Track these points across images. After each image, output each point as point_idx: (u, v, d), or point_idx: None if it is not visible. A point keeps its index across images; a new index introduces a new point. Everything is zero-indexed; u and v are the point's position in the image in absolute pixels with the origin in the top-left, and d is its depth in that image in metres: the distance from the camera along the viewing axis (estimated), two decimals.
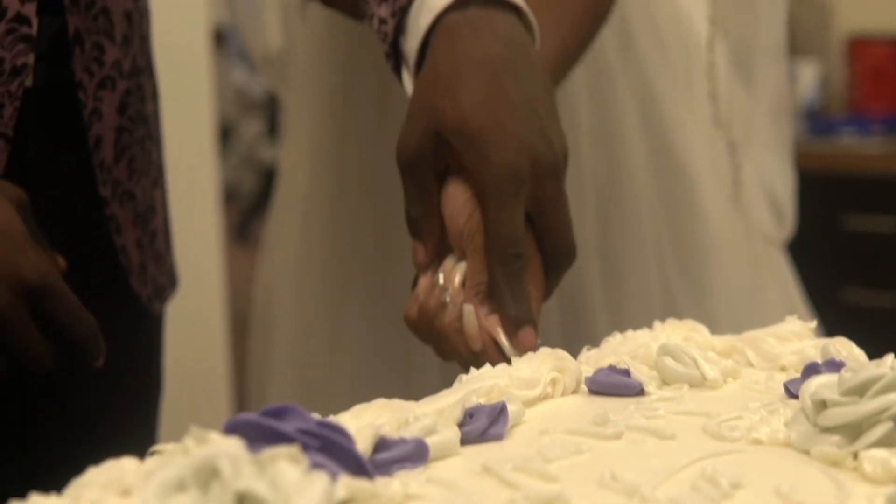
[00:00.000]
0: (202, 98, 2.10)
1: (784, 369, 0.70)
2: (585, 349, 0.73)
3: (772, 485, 0.51)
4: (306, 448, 0.49)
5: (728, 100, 1.22)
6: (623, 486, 0.52)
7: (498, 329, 0.74)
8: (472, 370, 0.67)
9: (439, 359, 0.80)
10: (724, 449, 0.57)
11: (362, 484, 0.49)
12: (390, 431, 0.56)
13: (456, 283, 0.77)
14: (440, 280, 0.77)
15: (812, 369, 0.64)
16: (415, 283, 0.79)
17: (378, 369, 1.27)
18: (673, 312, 0.97)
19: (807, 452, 0.55)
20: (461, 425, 0.59)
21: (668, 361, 0.68)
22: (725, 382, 0.68)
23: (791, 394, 0.64)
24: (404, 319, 0.79)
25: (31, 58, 0.84)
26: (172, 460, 0.46)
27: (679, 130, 1.21)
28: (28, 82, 0.84)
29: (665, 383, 0.68)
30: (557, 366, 0.67)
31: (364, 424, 0.57)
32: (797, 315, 0.77)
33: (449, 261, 0.78)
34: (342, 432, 0.51)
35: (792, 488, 0.51)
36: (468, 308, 0.75)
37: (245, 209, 5.63)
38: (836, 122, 3.18)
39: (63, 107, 0.88)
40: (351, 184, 1.29)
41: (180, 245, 1.10)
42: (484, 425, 0.59)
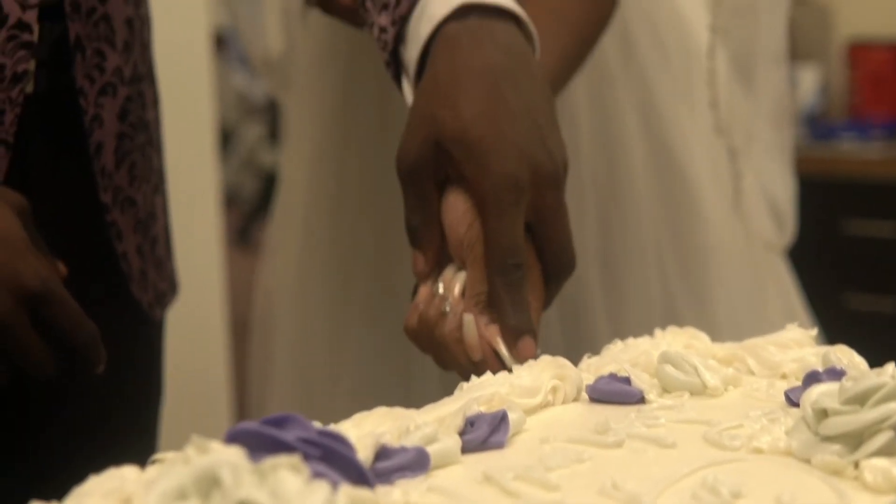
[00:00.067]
0: (203, 102, 2.09)
1: (785, 377, 0.70)
2: (586, 357, 0.73)
3: (773, 494, 0.51)
4: (307, 457, 0.49)
5: (729, 107, 1.22)
6: (624, 495, 0.52)
7: (498, 339, 0.74)
8: (473, 378, 0.67)
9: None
10: (725, 458, 0.57)
11: (363, 493, 0.49)
12: (391, 440, 0.56)
13: (456, 293, 0.77)
14: (440, 289, 0.77)
15: (813, 378, 0.64)
16: (415, 293, 0.79)
17: (379, 373, 1.27)
18: (673, 319, 0.97)
19: (808, 461, 0.55)
20: (462, 434, 0.59)
21: (669, 369, 0.68)
22: (726, 390, 0.68)
23: (792, 402, 0.64)
24: (404, 329, 0.78)
25: (32, 64, 0.84)
26: (173, 469, 0.46)
27: (679, 136, 1.21)
28: (29, 89, 0.84)
29: (666, 391, 0.68)
30: (558, 374, 0.67)
31: (365, 433, 0.57)
32: (798, 322, 0.77)
33: (449, 270, 0.78)
34: (343, 441, 0.51)
35: (793, 497, 0.51)
36: (468, 318, 0.75)
37: (246, 213, 5.63)
38: (837, 127, 3.18)
39: (64, 113, 0.88)
40: (351, 188, 1.29)
41: (181, 249, 1.10)
42: (485, 434, 0.59)
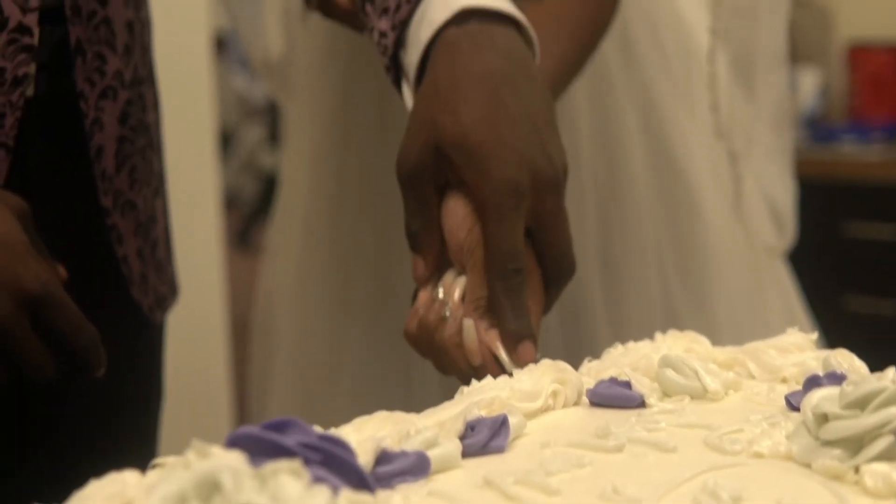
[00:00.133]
0: (203, 104, 2.09)
1: (785, 381, 0.70)
2: (587, 360, 0.73)
3: (773, 498, 0.51)
4: (308, 462, 0.49)
5: (729, 110, 1.22)
6: (625, 500, 0.52)
7: (497, 344, 0.74)
8: (474, 382, 0.67)
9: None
10: (726, 462, 0.57)
11: (364, 498, 0.49)
12: (391, 444, 0.56)
13: (456, 298, 0.77)
14: (440, 294, 0.77)
15: (813, 382, 0.64)
16: (414, 297, 0.79)
17: (379, 373, 1.27)
18: (674, 322, 0.97)
19: (808, 466, 0.55)
20: (462, 438, 0.59)
21: (670, 373, 0.68)
22: (727, 394, 0.68)
23: (792, 406, 0.64)
24: (404, 333, 0.78)
25: (33, 68, 0.84)
26: (174, 474, 0.46)
27: (680, 140, 1.21)
28: (29, 92, 0.84)
29: (666, 395, 0.68)
30: (559, 378, 0.67)
31: (365, 437, 0.57)
32: (798, 325, 0.77)
33: (449, 275, 0.78)
34: (343, 446, 0.51)
35: (793, 502, 0.51)
36: (468, 322, 0.75)
37: (246, 215, 5.64)
38: (837, 130, 3.18)
39: (64, 117, 0.88)
40: (352, 190, 1.29)
41: (181, 251, 1.10)
42: (485, 438, 0.59)
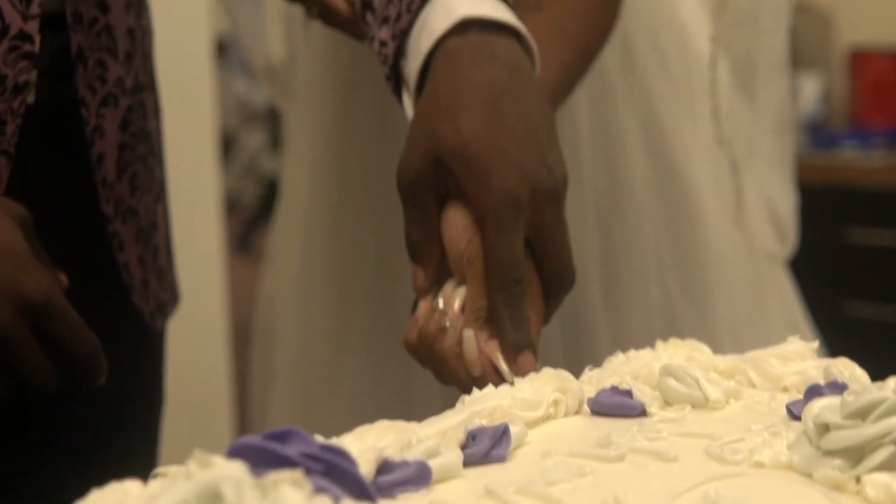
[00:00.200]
0: (204, 108, 2.10)
1: (786, 390, 0.70)
2: (588, 369, 0.73)
3: None
4: (309, 472, 0.49)
5: (730, 118, 1.22)
6: None
7: (497, 354, 0.74)
8: (475, 391, 0.66)
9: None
10: (727, 472, 0.57)
11: None
12: (393, 454, 0.56)
13: (456, 308, 0.76)
14: (440, 304, 0.77)
15: (814, 391, 0.64)
16: (414, 307, 0.79)
17: (380, 378, 1.26)
18: (675, 331, 0.97)
19: (809, 476, 0.55)
20: (464, 447, 0.59)
21: (671, 382, 0.68)
22: (728, 403, 0.68)
23: (793, 415, 0.64)
24: (404, 344, 0.78)
25: (34, 75, 0.84)
26: (175, 484, 0.46)
27: (681, 148, 1.21)
28: (30, 99, 0.84)
29: (668, 404, 0.68)
30: (560, 386, 0.67)
31: (367, 446, 0.57)
32: (799, 334, 0.77)
33: (449, 285, 0.78)
34: (345, 456, 0.51)
35: None
36: (468, 333, 0.75)
37: (247, 220, 5.64)
38: (838, 136, 3.18)
39: (65, 124, 0.88)
40: (353, 196, 1.29)
41: (182, 256, 1.10)
42: (487, 447, 0.59)
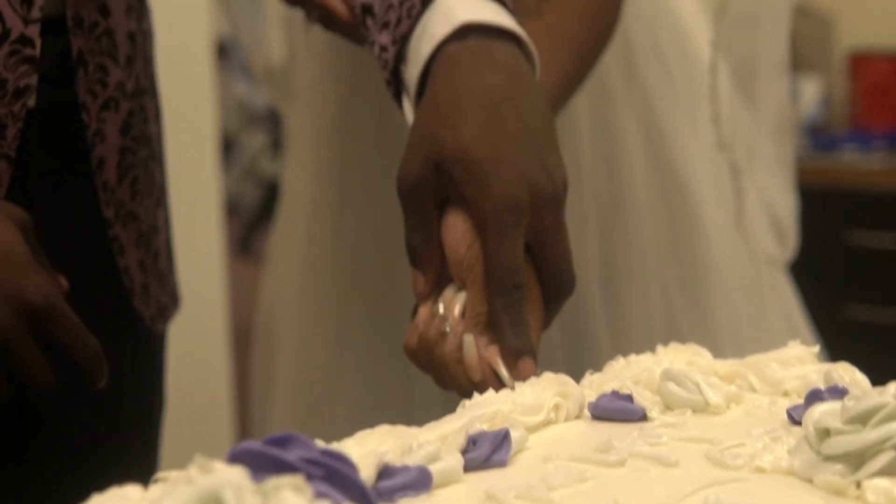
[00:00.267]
0: (204, 110, 2.10)
1: (787, 394, 0.70)
2: (588, 373, 0.73)
3: None
4: (310, 477, 0.49)
5: (731, 122, 1.22)
6: None
7: (497, 360, 0.74)
8: (476, 395, 0.66)
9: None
10: (728, 477, 0.57)
11: None
12: (394, 459, 0.56)
13: (456, 313, 0.76)
14: (440, 310, 0.77)
15: (815, 396, 0.63)
16: (415, 312, 0.79)
17: (380, 382, 1.26)
18: (675, 335, 0.97)
19: (810, 481, 0.55)
20: (464, 452, 0.59)
21: (672, 387, 0.68)
22: (728, 408, 0.68)
23: (794, 420, 0.64)
24: (404, 349, 0.78)
25: (35, 79, 0.84)
26: (176, 489, 0.46)
27: (682, 152, 1.21)
28: (31, 103, 0.84)
29: (668, 408, 0.68)
30: (561, 391, 0.67)
31: (367, 451, 0.57)
32: (800, 338, 0.77)
33: (449, 290, 0.78)
34: (346, 461, 0.51)
35: None
36: (468, 338, 0.75)
37: (247, 222, 5.64)
38: (838, 138, 3.18)
39: (66, 128, 0.88)
40: (354, 199, 1.29)
41: (182, 258, 1.10)
42: (487, 452, 0.59)
